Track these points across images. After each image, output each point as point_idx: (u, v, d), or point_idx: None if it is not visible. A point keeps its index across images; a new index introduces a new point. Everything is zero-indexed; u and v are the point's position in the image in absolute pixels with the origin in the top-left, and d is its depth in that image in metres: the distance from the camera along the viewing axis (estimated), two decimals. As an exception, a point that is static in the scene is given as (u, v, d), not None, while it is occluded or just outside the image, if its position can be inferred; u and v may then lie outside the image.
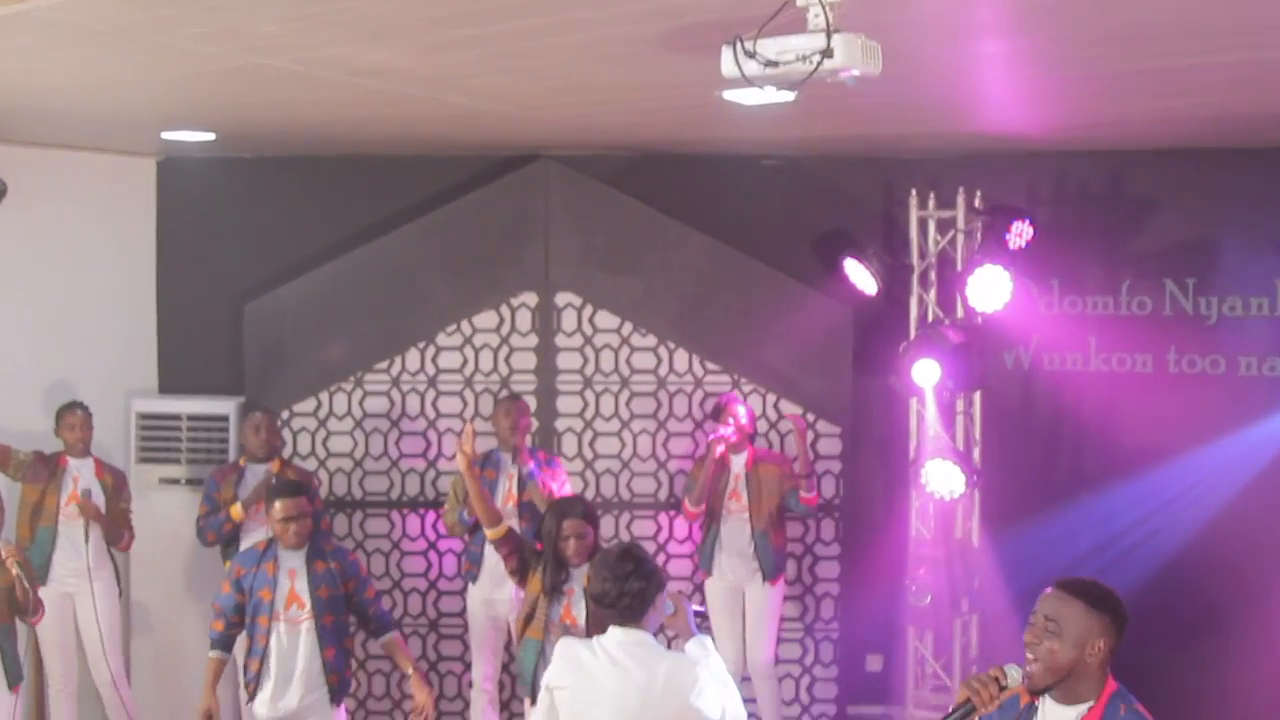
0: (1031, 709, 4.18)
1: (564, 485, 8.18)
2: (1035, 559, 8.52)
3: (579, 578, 6.37)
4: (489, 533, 6.74)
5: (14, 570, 6.85)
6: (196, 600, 8.77)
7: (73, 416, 8.25)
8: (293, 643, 6.70)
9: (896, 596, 8.83)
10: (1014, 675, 4.05)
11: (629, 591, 5.06)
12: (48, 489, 8.18)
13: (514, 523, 7.79)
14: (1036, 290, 8.85)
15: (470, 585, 8.41)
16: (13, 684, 6.96)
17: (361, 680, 9.02)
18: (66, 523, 8.19)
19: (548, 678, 5.21)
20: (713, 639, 5.42)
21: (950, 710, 4.09)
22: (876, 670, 9.46)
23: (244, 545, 8.00)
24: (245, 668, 6.82)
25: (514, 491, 8.14)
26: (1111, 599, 4.12)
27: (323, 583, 6.74)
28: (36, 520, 8.17)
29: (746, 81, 4.24)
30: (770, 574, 8.32)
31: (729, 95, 6.07)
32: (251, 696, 6.77)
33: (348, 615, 6.86)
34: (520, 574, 6.64)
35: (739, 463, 8.34)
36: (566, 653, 5.17)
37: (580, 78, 5.94)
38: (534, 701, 6.48)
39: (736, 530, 8.37)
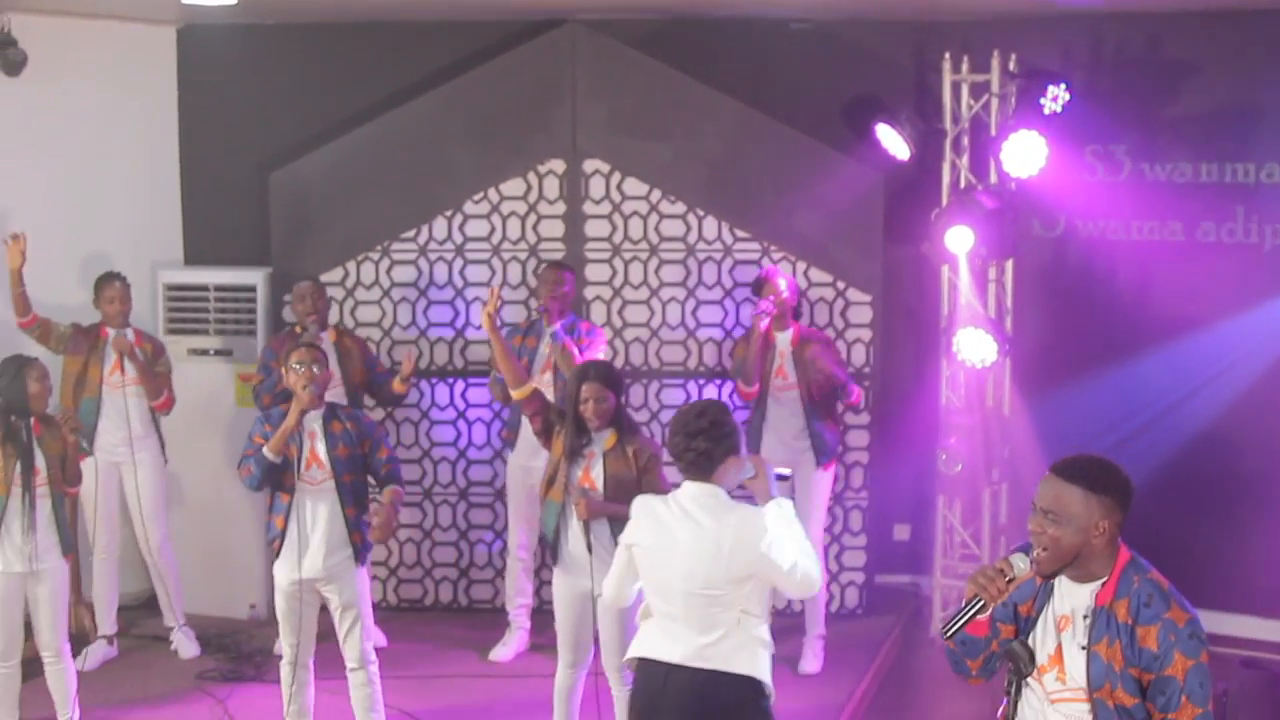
0: (1048, 587, 4.16)
1: (597, 355, 8.10)
2: (1067, 427, 8.49)
3: (600, 442, 6.49)
4: (514, 393, 6.76)
5: (70, 438, 6.93)
6: (229, 470, 8.75)
7: (111, 289, 8.21)
8: (315, 503, 6.73)
9: (926, 465, 8.83)
10: (1020, 565, 4.00)
11: (694, 449, 5.19)
12: (89, 360, 8.18)
13: (550, 388, 7.81)
14: (1071, 156, 8.71)
15: (509, 452, 8.42)
16: (66, 552, 7.05)
17: (393, 548, 9.08)
18: (110, 393, 8.19)
19: (625, 535, 5.38)
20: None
21: (961, 606, 4.07)
22: (904, 539, 9.49)
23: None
24: (270, 524, 6.88)
25: (553, 359, 8.09)
26: (1110, 476, 4.05)
27: (340, 442, 6.77)
28: (80, 392, 8.18)
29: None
30: (824, 457, 8.13)
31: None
32: (277, 554, 6.84)
33: (366, 474, 6.90)
34: (546, 435, 6.69)
35: (784, 339, 8.12)
36: (643, 508, 5.33)
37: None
38: (555, 562, 6.64)
39: (786, 409, 8.14)
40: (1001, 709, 4.22)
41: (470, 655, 8.36)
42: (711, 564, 5.11)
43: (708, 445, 5.17)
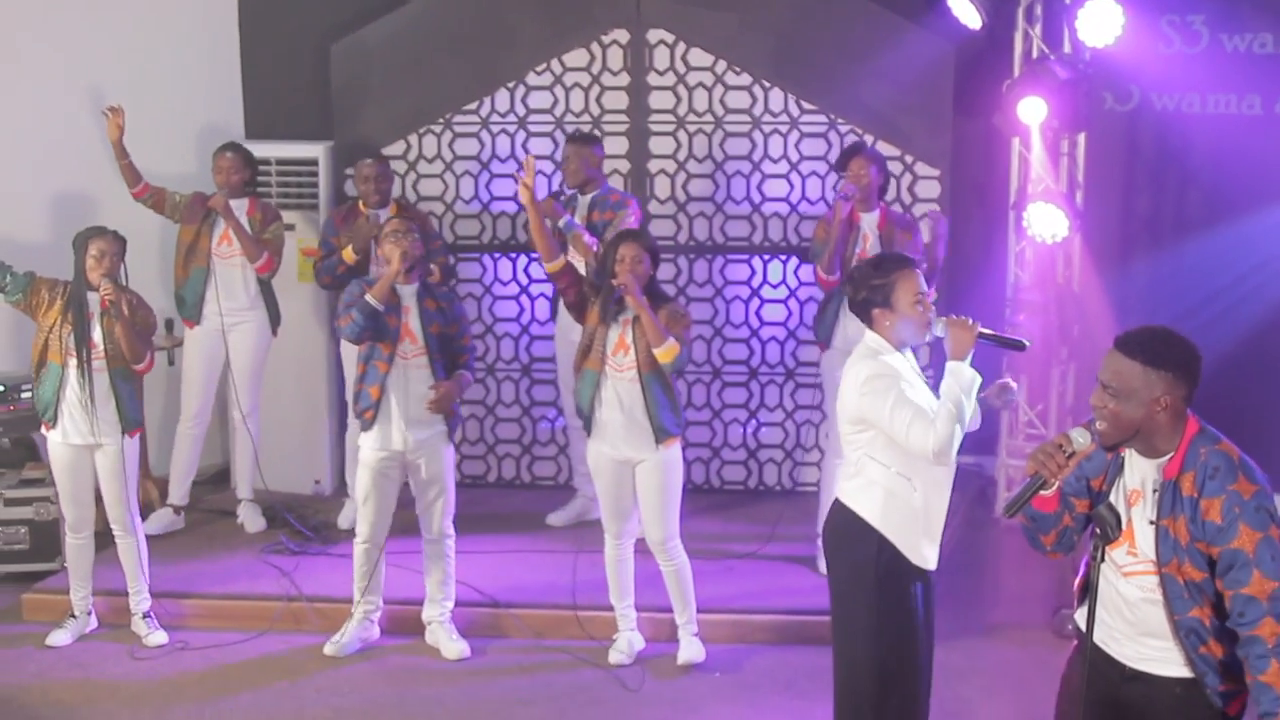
0: (1119, 461, 4.13)
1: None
2: (1139, 305, 8.38)
3: (633, 309, 6.54)
4: (547, 266, 6.83)
5: (109, 307, 6.87)
6: (290, 346, 8.75)
7: (222, 159, 8.23)
8: (407, 377, 6.83)
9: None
10: (1079, 439, 3.97)
11: (844, 293, 5.53)
12: (201, 229, 8.21)
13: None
14: (1147, 26, 8.46)
15: (553, 325, 8.43)
16: (128, 429, 7.07)
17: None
18: (218, 262, 8.22)
19: None
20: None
21: (1023, 486, 4.02)
22: (968, 419, 9.37)
23: None
24: (361, 393, 6.89)
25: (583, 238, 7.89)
26: (1172, 350, 3.98)
27: (435, 319, 6.87)
28: (190, 260, 8.24)
29: None
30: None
31: None
32: (370, 424, 6.87)
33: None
34: (579, 308, 6.77)
35: (870, 221, 7.71)
36: None
37: None
38: (590, 432, 6.73)
39: None
40: (1079, 578, 4.19)
41: (533, 531, 8.38)
42: (836, 402, 5.40)
43: (850, 291, 5.36)
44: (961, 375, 5.11)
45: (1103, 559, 4.07)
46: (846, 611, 5.34)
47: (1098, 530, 4.07)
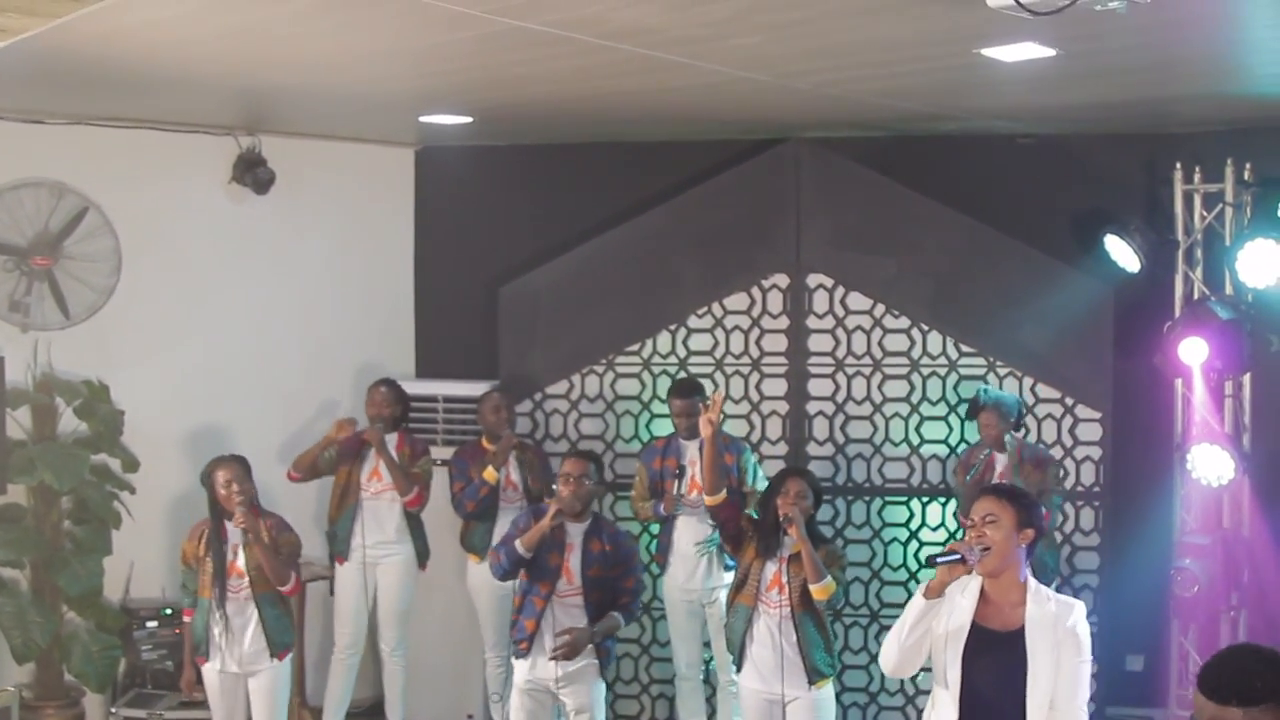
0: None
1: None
2: (1310, 550, 8.17)
3: (788, 547, 6.57)
4: (709, 499, 6.90)
5: (250, 536, 7.02)
6: (452, 579, 8.86)
7: (376, 393, 8.52)
8: (563, 614, 6.85)
9: (1159, 590, 8.50)
10: None
11: None
12: (353, 469, 8.45)
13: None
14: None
15: (663, 576, 8.42)
16: (276, 653, 7.15)
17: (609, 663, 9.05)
18: (367, 499, 8.43)
19: None
20: None
21: None
22: (1137, 670, 9.12)
23: (500, 521, 8.23)
24: (517, 625, 6.94)
25: (698, 480, 7.89)
26: (1260, 679, 3.71)
27: (596, 562, 6.88)
28: (345, 499, 8.45)
29: (1015, 4, 4.15)
30: (1045, 577, 7.89)
31: (988, 52, 5.96)
32: (524, 654, 6.90)
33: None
34: (736, 541, 6.80)
35: (1003, 461, 7.99)
36: None
37: (836, 36, 5.84)
38: (739, 669, 6.68)
39: None
40: None
41: (688, 771, 8.26)
42: None
43: None
44: (910, 604, 5.07)
45: None
46: None
47: None
